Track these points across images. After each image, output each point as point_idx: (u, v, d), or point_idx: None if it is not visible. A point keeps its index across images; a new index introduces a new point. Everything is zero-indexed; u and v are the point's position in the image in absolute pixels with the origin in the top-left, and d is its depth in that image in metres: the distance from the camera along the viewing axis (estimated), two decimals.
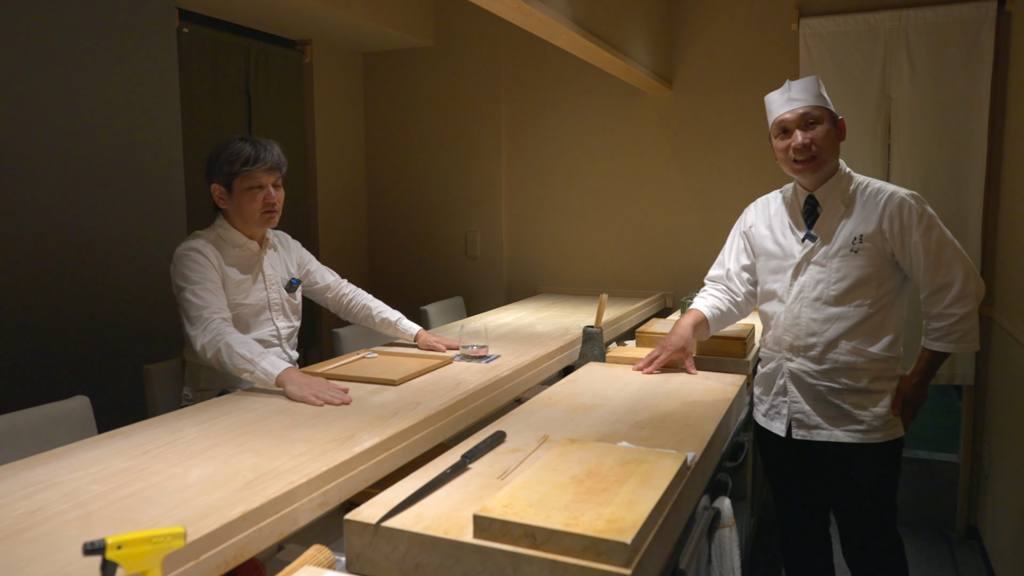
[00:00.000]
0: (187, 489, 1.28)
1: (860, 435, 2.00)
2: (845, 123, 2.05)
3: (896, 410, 2.01)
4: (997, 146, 3.09)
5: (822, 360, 2.02)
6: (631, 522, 1.06)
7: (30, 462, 1.44)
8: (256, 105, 3.51)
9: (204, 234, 2.18)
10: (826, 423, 2.03)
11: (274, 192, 2.18)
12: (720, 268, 2.30)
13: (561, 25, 2.28)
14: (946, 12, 3.07)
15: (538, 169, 3.97)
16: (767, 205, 2.21)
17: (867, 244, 1.96)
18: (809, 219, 2.05)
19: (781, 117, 2.01)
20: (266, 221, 2.19)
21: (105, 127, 2.58)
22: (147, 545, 0.90)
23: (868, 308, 1.97)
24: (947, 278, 1.91)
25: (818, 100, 1.98)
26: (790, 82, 2.02)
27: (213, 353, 1.94)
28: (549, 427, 1.64)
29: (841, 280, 1.98)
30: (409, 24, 3.84)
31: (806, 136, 1.96)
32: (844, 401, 2.00)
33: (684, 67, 3.62)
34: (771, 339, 2.14)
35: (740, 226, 2.27)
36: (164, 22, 2.78)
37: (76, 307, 2.51)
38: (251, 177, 2.13)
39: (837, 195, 2.01)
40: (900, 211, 1.93)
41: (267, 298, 2.24)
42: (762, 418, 2.20)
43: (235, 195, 2.15)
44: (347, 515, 1.17)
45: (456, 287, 4.12)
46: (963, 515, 3.33)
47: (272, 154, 2.16)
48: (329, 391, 1.86)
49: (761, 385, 2.21)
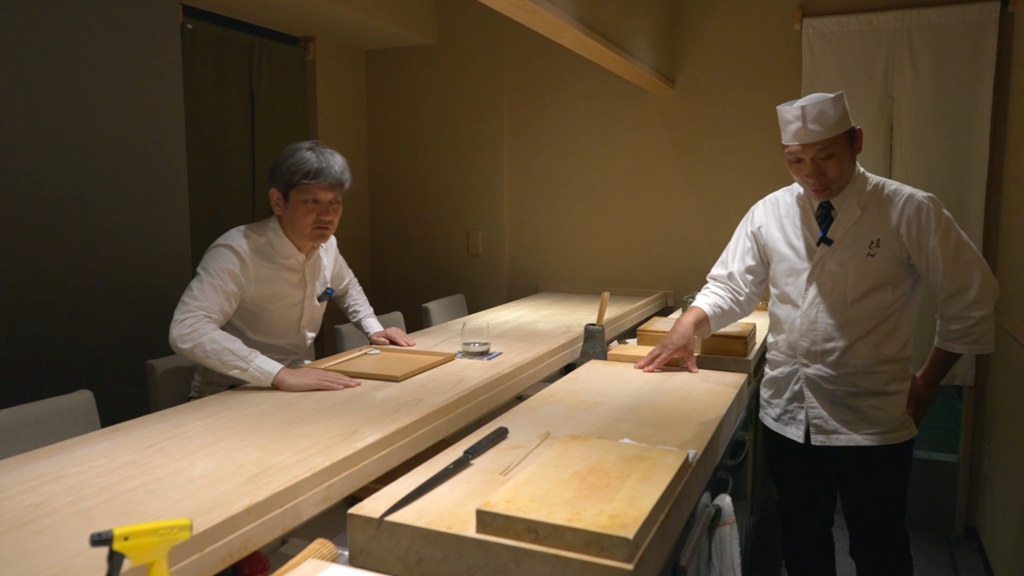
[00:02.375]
0: (191, 483, 1.29)
1: (879, 437, 1.99)
2: (862, 133, 1.98)
3: (910, 410, 2.02)
4: (999, 147, 3.10)
5: (839, 364, 2.00)
6: (633, 518, 1.06)
7: (35, 455, 1.44)
8: (259, 102, 3.51)
9: (254, 236, 2.11)
10: (845, 427, 2.01)
11: (330, 209, 2.13)
12: (723, 268, 2.27)
13: (565, 23, 2.28)
14: (949, 13, 3.07)
15: (540, 167, 3.97)
16: (776, 205, 2.16)
17: (883, 248, 1.94)
18: (824, 223, 2.01)
19: (793, 148, 1.93)
20: (317, 237, 2.14)
21: (109, 123, 2.58)
22: (153, 537, 0.91)
23: (884, 311, 1.96)
24: (965, 281, 1.89)
25: (833, 131, 1.87)
26: (805, 107, 1.88)
27: (191, 345, 1.89)
28: (551, 424, 1.64)
29: (858, 284, 1.96)
30: (412, 22, 3.85)
31: (821, 167, 1.91)
32: (862, 404, 1.99)
33: (687, 66, 3.63)
34: (784, 343, 2.12)
35: (747, 225, 2.23)
36: (168, 18, 2.79)
37: (79, 302, 2.52)
38: (309, 191, 2.08)
39: (852, 198, 1.97)
40: (918, 214, 1.90)
41: (302, 309, 2.24)
42: (774, 423, 2.18)
43: (290, 205, 2.10)
44: (350, 510, 1.17)
45: (458, 285, 4.12)
46: (962, 515, 3.34)
47: (336, 170, 2.10)
48: (331, 376, 1.88)
49: (771, 389, 2.19)
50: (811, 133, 1.89)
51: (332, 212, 2.14)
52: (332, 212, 2.14)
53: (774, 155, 3.43)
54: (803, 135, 1.90)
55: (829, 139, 1.88)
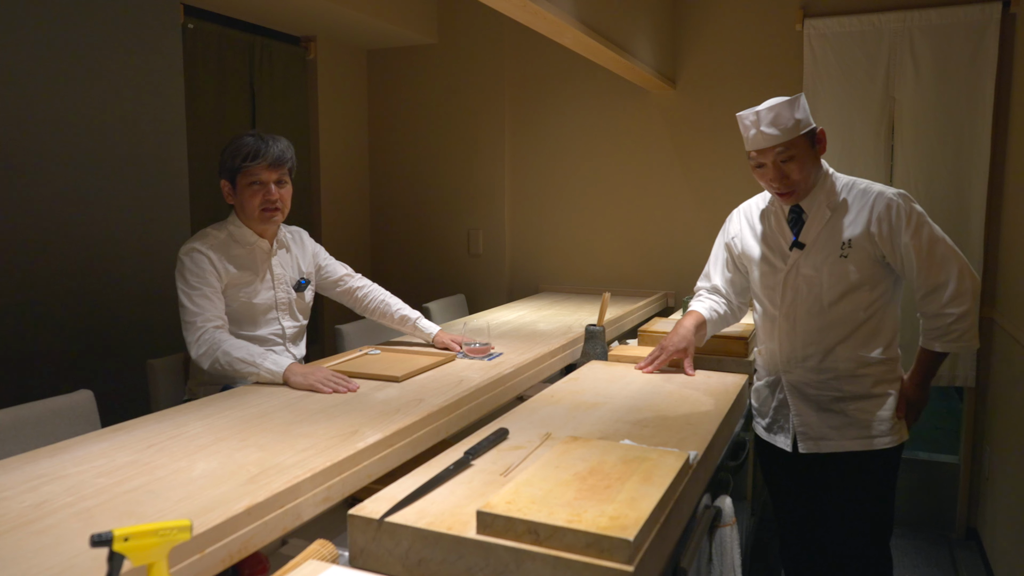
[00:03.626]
0: (192, 483, 1.29)
1: (868, 441, 1.95)
2: (824, 133, 1.96)
3: (900, 413, 1.98)
4: (1000, 148, 3.09)
5: (821, 369, 1.98)
6: (634, 519, 1.06)
7: (35, 455, 1.44)
8: (260, 101, 3.51)
9: (213, 232, 2.15)
10: (833, 433, 1.98)
11: (276, 189, 2.12)
12: (706, 280, 2.27)
13: (566, 24, 2.28)
14: (951, 14, 3.07)
15: (541, 167, 3.97)
16: (751, 213, 2.14)
17: (856, 248, 1.91)
18: (795, 227, 1.99)
19: (752, 154, 1.93)
20: (266, 219, 2.14)
21: (110, 122, 2.58)
22: (154, 538, 0.91)
23: (863, 312, 1.93)
24: (941, 277, 1.86)
25: (790, 133, 1.86)
26: (760, 112, 1.88)
27: (210, 363, 1.96)
28: (551, 425, 1.64)
29: (833, 287, 1.93)
30: (413, 21, 3.85)
31: (782, 171, 1.90)
32: (848, 408, 1.96)
33: (688, 67, 3.63)
34: (767, 352, 2.11)
35: (723, 236, 2.22)
36: (169, 17, 2.79)
37: (80, 302, 2.52)
38: (251, 173, 2.09)
39: (822, 200, 1.95)
40: (888, 212, 1.88)
41: (275, 297, 2.23)
42: (764, 432, 2.16)
43: (238, 191, 2.12)
44: (351, 510, 1.17)
45: (458, 284, 4.12)
46: (963, 516, 3.33)
47: (274, 149, 2.10)
48: (334, 379, 1.89)
49: (759, 399, 2.17)
50: (768, 137, 1.87)
51: (279, 192, 2.14)
52: (279, 192, 2.14)
53: None
54: (760, 140, 1.88)
55: (787, 142, 1.86)
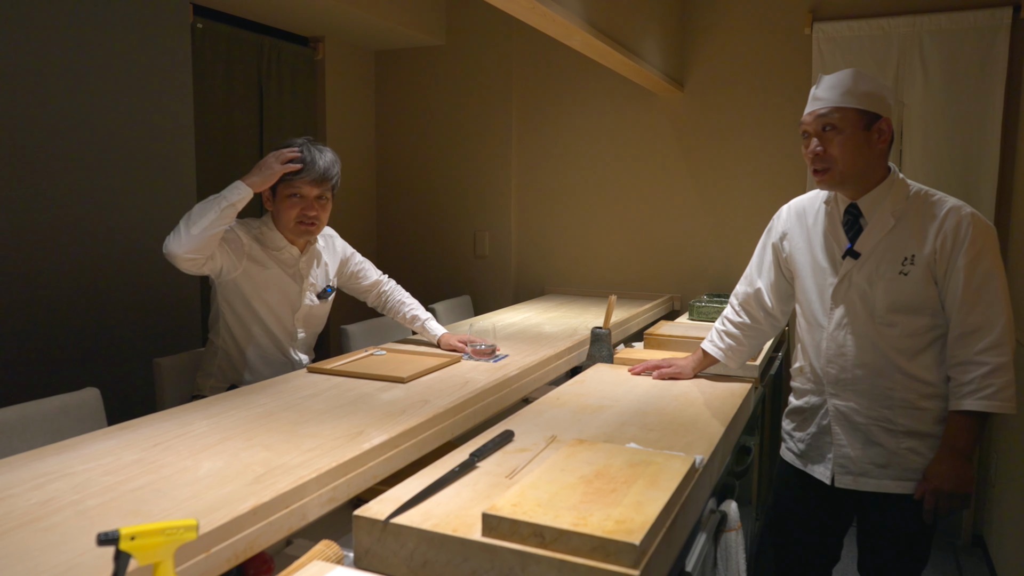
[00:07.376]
0: (197, 482, 1.29)
1: (913, 485, 1.72)
2: (891, 126, 1.70)
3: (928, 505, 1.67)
4: (1010, 153, 3.08)
5: (874, 397, 1.73)
6: (640, 523, 1.06)
7: (41, 452, 1.45)
8: (268, 101, 3.52)
9: (249, 224, 2.15)
10: (875, 471, 1.75)
11: (315, 205, 2.12)
12: (748, 285, 2.03)
13: (575, 26, 2.28)
14: (961, 18, 3.06)
15: (548, 169, 3.97)
16: (803, 211, 1.89)
17: (919, 266, 1.66)
18: (851, 232, 1.75)
19: (802, 118, 1.74)
20: (302, 232, 2.14)
21: (118, 122, 2.59)
22: (160, 537, 0.91)
23: (922, 338, 1.69)
24: (982, 319, 1.62)
25: (844, 100, 1.65)
26: (822, 76, 1.72)
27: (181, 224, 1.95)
28: (557, 427, 1.64)
29: (888, 306, 1.69)
30: (421, 23, 3.85)
31: (819, 145, 1.69)
32: (899, 446, 1.72)
33: (696, 70, 3.62)
34: (810, 370, 1.86)
35: (769, 235, 1.98)
36: (178, 17, 2.79)
37: (87, 300, 2.53)
38: (293, 185, 2.09)
39: (886, 206, 1.71)
40: (956, 229, 1.64)
41: (297, 304, 2.24)
42: (796, 459, 1.92)
43: (277, 199, 2.12)
44: (356, 511, 1.17)
45: (464, 286, 4.12)
46: (969, 524, 3.32)
47: (318, 165, 2.09)
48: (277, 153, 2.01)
49: (795, 421, 1.93)
50: (817, 100, 1.70)
51: (317, 208, 2.13)
52: (317, 208, 2.13)
53: (783, 159, 3.41)
54: (810, 103, 1.72)
55: (836, 107, 1.66)
